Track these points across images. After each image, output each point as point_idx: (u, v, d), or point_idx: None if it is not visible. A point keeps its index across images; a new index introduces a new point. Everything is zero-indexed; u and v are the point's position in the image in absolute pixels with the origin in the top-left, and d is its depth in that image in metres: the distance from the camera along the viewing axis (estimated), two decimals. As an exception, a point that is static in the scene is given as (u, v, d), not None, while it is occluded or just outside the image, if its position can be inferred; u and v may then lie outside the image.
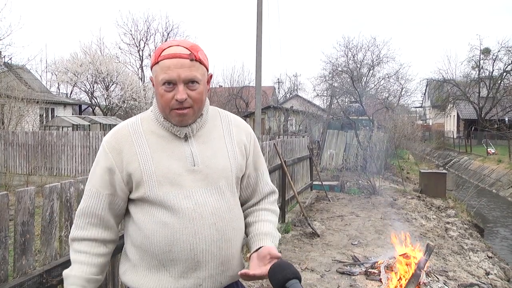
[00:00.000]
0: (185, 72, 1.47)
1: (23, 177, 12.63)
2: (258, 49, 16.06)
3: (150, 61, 1.57)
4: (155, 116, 1.59)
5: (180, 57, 1.47)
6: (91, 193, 1.57)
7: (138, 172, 1.51)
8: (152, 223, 1.52)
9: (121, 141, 1.55)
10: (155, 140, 1.55)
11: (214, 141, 1.62)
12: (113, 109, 29.22)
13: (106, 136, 1.59)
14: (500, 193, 17.67)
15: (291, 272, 1.30)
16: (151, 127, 1.58)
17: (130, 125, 1.60)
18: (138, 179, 1.52)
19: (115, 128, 1.61)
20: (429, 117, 49.01)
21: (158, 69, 1.48)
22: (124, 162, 1.53)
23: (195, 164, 1.55)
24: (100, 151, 1.57)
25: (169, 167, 1.52)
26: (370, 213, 8.29)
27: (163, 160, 1.53)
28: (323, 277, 4.78)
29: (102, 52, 31.49)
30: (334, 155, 16.54)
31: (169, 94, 1.48)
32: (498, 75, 33.27)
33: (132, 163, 1.52)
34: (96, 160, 1.59)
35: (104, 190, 1.55)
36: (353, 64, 20.02)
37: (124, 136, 1.56)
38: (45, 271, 2.07)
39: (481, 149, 26.85)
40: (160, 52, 1.50)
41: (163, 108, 1.53)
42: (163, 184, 1.51)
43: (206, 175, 1.55)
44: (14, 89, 18.07)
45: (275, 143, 7.17)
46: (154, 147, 1.54)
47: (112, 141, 1.56)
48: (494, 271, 5.80)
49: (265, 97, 36.00)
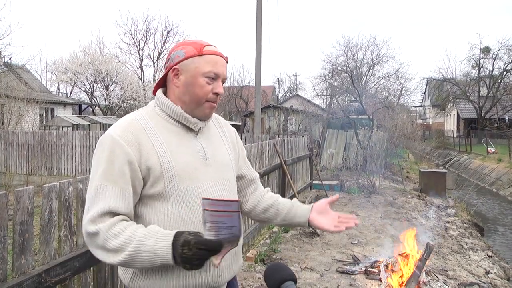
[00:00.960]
0: (225, 71, 1.61)
1: (23, 177, 12.61)
2: (258, 48, 16.05)
3: (184, 51, 1.56)
4: (164, 110, 1.59)
5: (222, 56, 1.60)
6: (113, 191, 1.44)
7: (157, 166, 1.48)
8: (169, 222, 1.49)
9: (137, 135, 1.50)
10: (168, 134, 1.55)
11: (214, 137, 1.70)
12: (113, 109, 29.22)
13: (115, 130, 1.50)
14: (500, 192, 17.67)
15: (287, 274, 1.31)
16: (160, 122, 1.57)
17: (139, 119, 1.55)
18: (157, 174, 1.48)
19: (124, 122, 1.55)
20: (429, 116, 49.00)
21: (202, 61, 1.55)
22: (143, 156, 1.48)
23: (206, 158, 1.60)
24: (113, 146, 1.46)
25: (187, 161, 1.54)
26: (370, 212, 8.29)
27: (180, 154, 1.54)
28: (323, 276, 4.78)
29: (102, 51, 31.48)
30: (334, 154, 16.53)
31: (209, 87, 1.56)
32: (498, 74, 33.24)
33: (152, 157, 1.49)
34: (108, 155, 1.46)
35: (127, 185, 1.46)
36: (353, 63, 19.99)
37: (138, 129, 1.51)
38: (44, 271, 2.07)
39: (481, 148, 26.85)
40: (201, 47, 1.56)
41: (198, 99, 1.56)
42: (183, 178, 1.51)
43: (216, 169, 1.62)
44: (14, 89, 18.07)
45: (275, 142, 7.16)
46: (168, 141, 1.54)
47: (126, 134, 1.48)
48: (494, 270, 5.79)
49: (265, 96, 35.99)
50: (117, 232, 1.40)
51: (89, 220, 1.42)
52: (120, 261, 1.39)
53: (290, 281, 1.29)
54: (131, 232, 1.40)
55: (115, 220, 1.42)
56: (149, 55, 34.58)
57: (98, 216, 1.41)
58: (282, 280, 1.29)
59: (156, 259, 1.37)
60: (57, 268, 2.16)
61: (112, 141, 1.47)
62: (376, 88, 20.45)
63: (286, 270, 1.32)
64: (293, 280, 1.29)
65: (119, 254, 1.38)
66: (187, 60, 1.55)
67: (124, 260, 1.38)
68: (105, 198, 1.43)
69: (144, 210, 1.52)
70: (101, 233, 1.39)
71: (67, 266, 2.23)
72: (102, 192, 1.44)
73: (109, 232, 1.39)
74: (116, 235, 1.39)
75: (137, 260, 1.38)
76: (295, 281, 1.30)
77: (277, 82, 48.40)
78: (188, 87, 1.56)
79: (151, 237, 1.38)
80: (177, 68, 1.56)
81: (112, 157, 1.46)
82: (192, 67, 1.55)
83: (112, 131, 1.51)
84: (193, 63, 1.55)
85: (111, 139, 1.48)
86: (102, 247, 1.41)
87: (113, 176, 1.45)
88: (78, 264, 2.31)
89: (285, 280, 1.29)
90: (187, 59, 1.55)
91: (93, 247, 1.44)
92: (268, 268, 1.35)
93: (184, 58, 1.55)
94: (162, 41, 34.16)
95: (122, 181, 1.45)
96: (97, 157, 1.49)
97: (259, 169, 6.14)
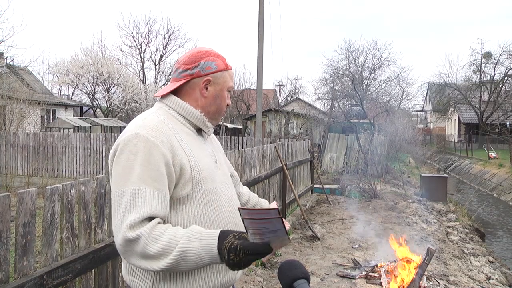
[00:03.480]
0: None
1: (24, 179, 12.62)
2: (260, 52, 16.08)
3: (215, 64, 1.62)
4: (181, 113, 1.60)
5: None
6: (151, 194, 1.38)
7: (188, 168, 1.49)
8: (195, 223, 1.47)
9: (168, 135, 1.48)
10: (187, 137, 1.58)
11: (214, 142, 1.81)
12: (114, 111, 29.23)
13: (145, 130, 1.45)
14: (501, 198, 17.64)
15: (300, 272, 1.31)
16: (177, 125, 1.58)
17: (162, 121, 1.53)
18: (187, 175, 1.49)
19: (152, 122, 1.49)
20: (430, 121, 48.97)
21: (228, 76, 1.66)
22: (176, 156, 1.46)
23: (216, 161, 1.68)
24: (148, 146, 1.41)
25: (208, 163, 1.60)
26: (371, 216, 8.28)
27: (201, 156, 1.58)
28: (324, 281, 4.77)
29: (103, 54, 31.54)
30: (335, 158, 16.53)
31: (228, 100, 1.69)
32: (499, 79, 33.21)
33: (183, 158, 1.49)
34: (144, 157, 1.40)
35: (164, 187, 1.42)
36: (354, 68, 20.00)
37: (167, 131, 1.50)
38: (45, 273, 2.07)
39: (482, 153, 26.82)
40: (226, 61, 1.65)
41: (221, 110, 1.67)
42: (207, 180, 1.55)
43: (222, 171, 1.71)
44: (16, 90, 18.10)
45: (276, 146, 7.17)
46: (191, 143, 1.57)
47: (159, 135, 1.45)
48: (495, 276, 5.78)
49: (266, 100, 36.00)
50: (157, 235, 1.34)
51: (128, 226, 1.34)
52: (165, 267, 1.33)
53: (303, 279, 1.29)
54: (172, 235, 1.35)
55: (153, 224, 1.36)
56: (150, 58, 34.64)
57: (140, 221, 1.35)
58: (295, 277, 1.29)
59: (201, 261, 1.35)
60: (59, 270, 2.16)
61: (146, 141, 1.42)
62: (377, 93, 20.45)
63: (300, 268, 1.32)
64: (307, 279, 1.30)
65: (163, 259, 1.33)
66: (218, 73, 1.62)
67: (169, 265, 1.33)
68: (145, 202, 1.37)
69: (171, 213, 1.48)
70: (142, 238, 1.33)
71: (68, 268, 2.22)
72: (141, 196, 1.37)
73: (150, 236, 1.34)
74: (156, 239, 1.33)
75: (182, 264, 1.34)
76: (309, 279, 1.30)
77: (279, 86, 48.44)
78: (216, 99, 1.63)
79: (195, 239, 1.35)
80: (209, 79, 1.60)
81: (148, 158, 1.40)
82: (221, 81, 1.63)
83: (142, 131, 1.45)
84: (222, 77, 1.63)
85: (144, 139, 1.42)
86: (142, 254, 1.34)
87: (151, 178, 1.39)
88: (79, 266, 2.30)
89: (298, 278, 1.29)
90: (218, 72, 1.62)
91: (131, 255, 1.37)
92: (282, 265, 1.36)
93: (216, 70, 1.61)
94: (163, 44, 34.24)
95: (160, 183, 1.41)
96: (126, 158, 1.42)
97: (260, 172, 6.14)
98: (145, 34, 34.26)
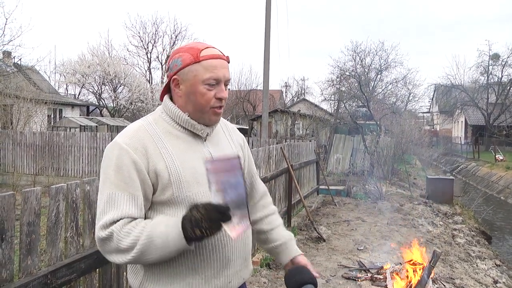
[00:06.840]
0: (226, 73, 1.54)
1: (30, 177, 12.68)
2: (266, 53, 16.08)
3: (181, 60, 1.52)
4: (171, 117, 1.57)
5: (222, 58, 1.54)
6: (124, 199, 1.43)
7: (165, 173, 1.47)
8: None
9: (143, 142, 1.48)
10: (175, 141, 1.54)
11: (222, 142, 1.68)
12: (121, 111, 29.35)
13: (121, 138, 1.49)
14: (508, 200, 17.50)
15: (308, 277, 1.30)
16: (166, 128, 1.55)
17: (145, 126, 1.54)
18: (165, 180, 1.47)
19: (131, 130, 1.53)
20: (436, 122, 48.76)
21: (201, 68, 1.49)
22: (150, 162, 1.46)
23: None
24: (120, 153, 1.45)
25: (195, 167, 1.52)
26: (377, 218, 8.24)
27: (187, 160, 1.52)
28: (329, 282, 4.75)
29: (110, 53, 31.71)
30: (341, 159, 16.48)
31: (211, 93, 1.51)
32: (507, 81, 32.95)
33: (159, 163, 1.47)
34: (116, 163, 1.45)
35: (137, 191, 1.45)
36: (360, 69, 19.98)
37: (145, 137, 1.50)
38: (50, 272, 2.07)
39: (489, 156, 26.63)
40: (198, 52, 1.51)
41: (201, 107, 1.53)
42: (191, 184, 1.50)
43: None
44: (23, 89, 18.21)
45: (282, 146, 7.15)
46: (175, 147, 1.52)
47: (133, 142, 1.47)
48: (502, 280, 5.73)
49: (273, 100, 35.95)
50: (129, 229, 1.39)
51: (100, 227, 1.41)
52: (135, 255, 1.37)
53: (311, 284, 1.28)
54: (142, 226, 1.40)
55: (125, 221, 1.41)
56: (157, 58, 34.84)
57: (110, 223, 1.40)
58: (302, 282, 1.28)
59: (168, 242, 1.35)
60: (63, 269, 2.15)
61: (120, 149, 1.46)
62: (383, 94, 20.42)
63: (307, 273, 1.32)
64: (314, 284, 1.29)
65: (133, 249, 1.37)
66: (184, 69, 1.51)
67: (138, 252, 1.37)
68: (116, 206, 1.42)
69: (155, 216, 1.50)
70: (114, 234, 1.39)
71: (73, 267, 2.22)
72: (113, 200, 1.43)
73: (121, 232, 1.38)
74: (128, 233, 1.38)
75: (151, 250, 1.37)
76: (316, 285, 1.29)
77: (285, 86, 48.43)
78: (189, 96, 1.52)
79: (161, 223, 1.40)
80: (176, 78, 1.53)
81: (120, 164, 1.44)
82: (190, 76, 1.50)
83: (119, 139, 1.49)
84: (191, 72, 1.50)
85: (118, 147, 1.47)
86: (116, 249, 1.39)
87: (122, 183, 1.43)
88: (84, 266, 2.30)
89: (306, 283, 1.29)
90: (185, 68, 1.51)
91: (108, 252, 1.43)
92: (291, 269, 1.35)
93: (182, 67, 1.51)
94: (170, 44, 34.38)
95: (132, 188, 1.44)
96: (105, 165, 1.48)
97: (266, 173, 6.13)
98: (152, 34, 34.48)
